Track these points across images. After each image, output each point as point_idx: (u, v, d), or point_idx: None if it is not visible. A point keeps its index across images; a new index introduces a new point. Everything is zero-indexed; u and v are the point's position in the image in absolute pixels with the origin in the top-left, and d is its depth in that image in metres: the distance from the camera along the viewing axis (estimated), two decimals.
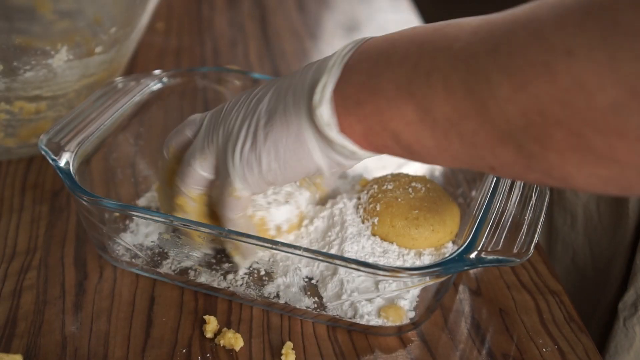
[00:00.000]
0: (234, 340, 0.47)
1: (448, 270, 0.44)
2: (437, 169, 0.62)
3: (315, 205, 0.56)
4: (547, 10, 0.33)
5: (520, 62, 0.33)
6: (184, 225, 0.47)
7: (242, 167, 0.45)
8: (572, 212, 0.64)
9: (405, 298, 0.48)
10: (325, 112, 0.41)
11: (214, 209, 0.50)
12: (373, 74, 0.40)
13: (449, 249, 0.53)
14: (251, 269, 0.51)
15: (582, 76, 0.31)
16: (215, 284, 0.51)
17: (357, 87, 0.40)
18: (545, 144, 0.34)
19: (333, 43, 0.94)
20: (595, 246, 0.63)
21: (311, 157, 0.43)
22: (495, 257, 0.44)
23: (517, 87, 0.33)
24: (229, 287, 0.50)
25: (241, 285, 0.50)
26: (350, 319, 0.48)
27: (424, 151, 0.40)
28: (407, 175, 0.56)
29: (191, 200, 0.49)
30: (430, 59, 0.37)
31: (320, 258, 0.45)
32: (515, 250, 0.45)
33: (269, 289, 0.50)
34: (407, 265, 0.51)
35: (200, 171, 0.48)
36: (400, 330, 0.49)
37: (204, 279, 0.51)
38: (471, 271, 0.55)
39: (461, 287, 0.54)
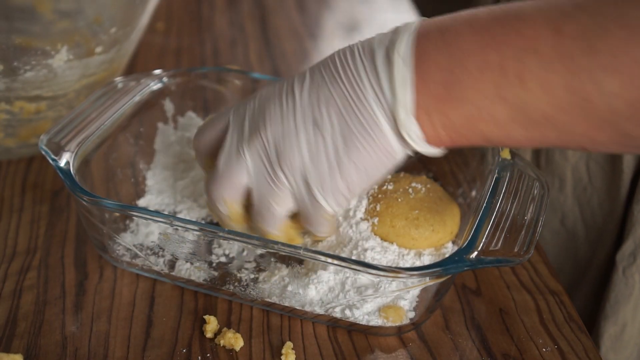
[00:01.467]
0: (234, 340, 0.47)
1: (448, 270, 0.44)
2: (436, 169, 0.62)
3: None
4: (632, 2, 0.36)
5: (626, 60, 0.36)
6: (183, 226, 0.47)
7: (332, 195, 0.45)
8: (561, 176, 0.65)
9: (405, 298, 0.48)
10: (413, 128, 0.42)
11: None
12: (451, 83, 0.41)
13: (449, 249, 0.53)
14: (254, 268, 0.51)
15: None
16: (216, 284, 0.51)
17: (437, 99, 0.41)
18: None
19: (333, 43, 0.94)
20: (585, 206, 0.65)
21: (394, 164, 0.45)
22: (495, 257, 0.44)
23: (626, 83, 0.36)
24: (229, 287, 0.50)
25: (241, 285, 0.50)
26: (350, 319, 0.48)
27: (514, 144, 0.42)
28: (407, 176, 0.56)
29: (280, 232, 0.49)
30: (517, 62, 0.39)
31: (321, 258, 0.45)
32: (515, 251, 0.45)
33: (269, 289, 0.50)
34: (407, 265, 0.51)
35: (282, 210, 0.47)
36: (400, 331, 0.49)
37: (202, 279, 0.51)
38: (471, 271, 0.55)
39: (461, 287, 0.54)
